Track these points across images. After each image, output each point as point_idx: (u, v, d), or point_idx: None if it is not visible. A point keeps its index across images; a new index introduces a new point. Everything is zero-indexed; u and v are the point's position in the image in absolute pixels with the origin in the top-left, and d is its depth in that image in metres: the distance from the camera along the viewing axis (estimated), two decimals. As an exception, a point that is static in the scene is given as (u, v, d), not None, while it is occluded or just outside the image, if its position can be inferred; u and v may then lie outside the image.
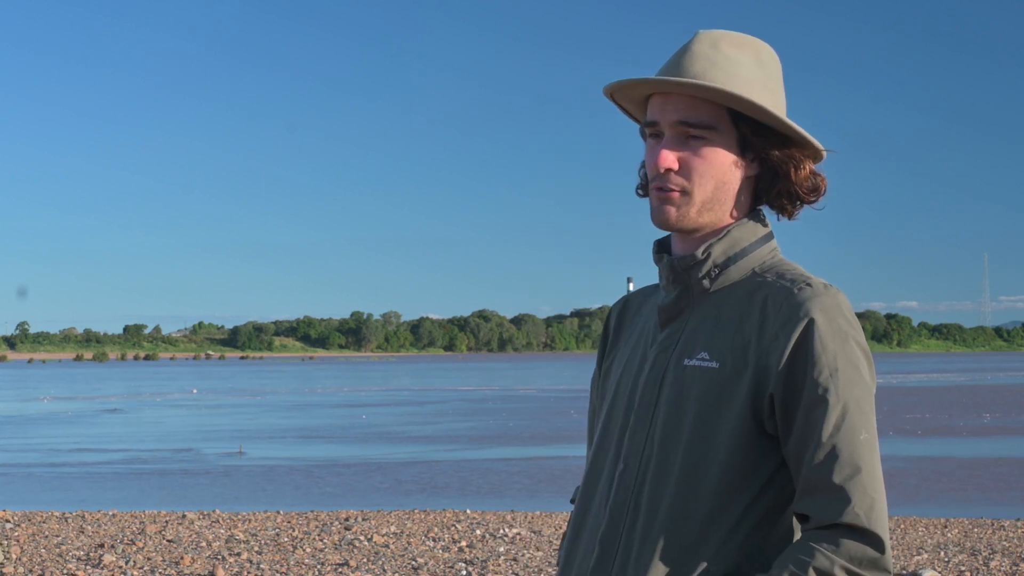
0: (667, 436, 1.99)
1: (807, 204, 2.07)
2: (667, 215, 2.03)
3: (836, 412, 1.90)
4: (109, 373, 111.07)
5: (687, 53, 2.02)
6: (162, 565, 10.32)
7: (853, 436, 1.90)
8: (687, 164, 2.01)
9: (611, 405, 2.12)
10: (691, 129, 2.00)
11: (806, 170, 2.04)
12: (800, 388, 1.92)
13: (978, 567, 10.38)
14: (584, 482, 2.13)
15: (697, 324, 2.03)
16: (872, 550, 1.86)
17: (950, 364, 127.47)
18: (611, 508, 2.03)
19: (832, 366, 1.91)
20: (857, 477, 1.88)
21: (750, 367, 1.95)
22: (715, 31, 2.05)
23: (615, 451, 2.07)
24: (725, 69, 2.00)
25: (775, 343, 1.94)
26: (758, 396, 1.94)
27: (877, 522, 1.88)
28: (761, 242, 2.06)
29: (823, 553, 1.86)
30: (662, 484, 1.98)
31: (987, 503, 16.22)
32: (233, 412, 41.77)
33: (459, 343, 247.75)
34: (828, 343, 1.92)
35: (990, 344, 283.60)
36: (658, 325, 2.09)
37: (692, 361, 2.00)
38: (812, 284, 1.97)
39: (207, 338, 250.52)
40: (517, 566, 10.40)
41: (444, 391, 58.66)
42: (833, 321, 1.94)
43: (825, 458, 1.89)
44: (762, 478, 1.95)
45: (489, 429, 31.36)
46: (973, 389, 56.39)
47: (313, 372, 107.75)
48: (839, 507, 1.87)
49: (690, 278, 2.04)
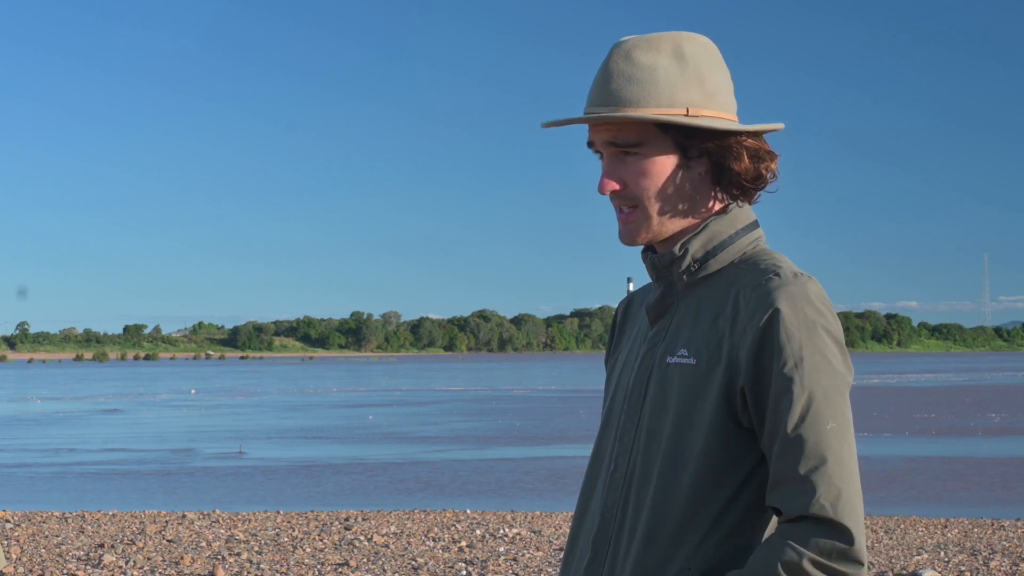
0: (650, 435, 2.00)
1: (754, 191, 2.05)
2: (630, 235, 2.05)
3: (801, 402, 1.87)
4: (109, 373, 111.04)
5: (604, 72, 2.02)
6: (162, 565, 10.32)
7: (819, 426, 1.87)
8: (629, 182, 2.02)
9: (609, 405, 2.13)
10: (622, 148, 2.02)
11: (745, 160, 2.02)
12: (767, 380, 1.90)
13: (978, 567, 10.38)
14: (584, 481, 2.14)
15: (680, 320, 2.04)
16: (840, 542, 1.83)
17: (951, 364, 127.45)
18: (602, 509, 2.04)
19: (797, 356, 1.89)
20: (823, 468, 1.85)
21: (723, 361, 1.94)
22: (629, 39, 2.04)
23: (609, 451, 2.08)
24: (641, 82, 2.00)
25: (743, 335, 1.93)
26: (731, 390, 1.93)
27: (845, 513, 1.84)
28: (742, 232, 2.04)
29: (791, 547, 1.83)
30: (645, 484, 1.98)
31: (987, 503, 16.22)
32: (233, 412, 41.78)
33: (459, 343, 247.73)
34: (794, 332, 1.90)
35: (990, 344, 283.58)
36: (648, 324, 2.10)
37: (673, 359, 2.00)
38: (780, 274, 1.95)
39: (207, 338, 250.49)
40: (517, 566, 10.40)
41: (444, 391, 58.66)
42: (799, 310, 1.91)
43: (790, 449, 1.87)
44: (742, 474, 1.94)
45: (489, 429, 31.37)
46: (975, 389, 56.38)
47: (313, 372, 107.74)
48: (805, 499, 1.84)
49: (671, 274, 2.05)
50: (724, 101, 2.04)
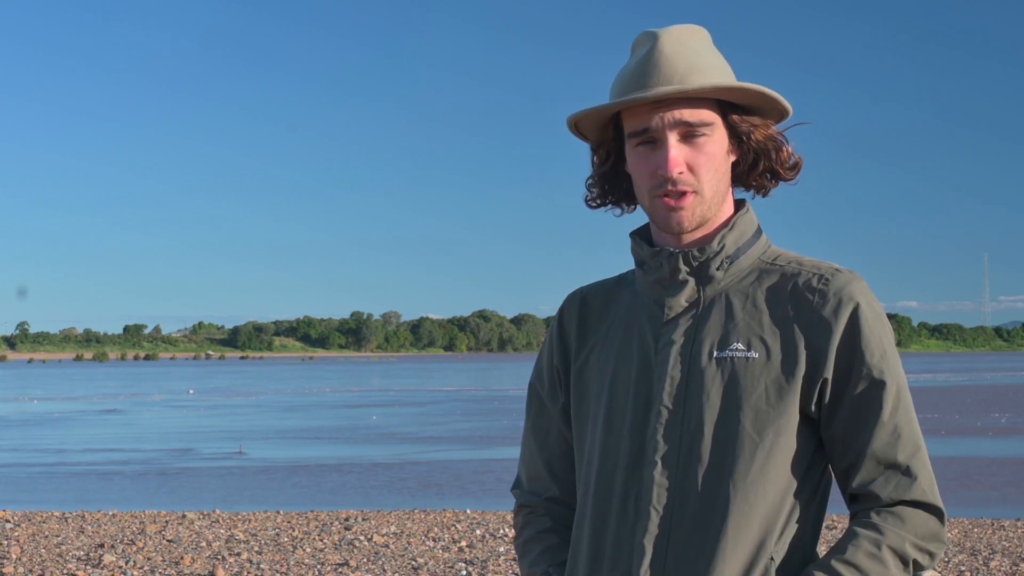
0: (717, 432, 1.96)
1: (785, 181, 2.10)
2: (682, 218, 2.01)
3: (892, 392, 1.96)
4: (109, 373, 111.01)
5: (659, 56, 1.99)
6: (162, 565, 10.32)
7: (910, 415, 1.97)
8: (694, 164, 2.00)
9: (609, 405, 2.06)
10: (695, 128, 2.00)
11: (787, 149, 2.07)
12: (856, 371, 1.95)
13: (978, 567, 10.37)
14: (595, 483, 2.06)
15: (716, 315, 2.02)
16: (937, 523, 1.96)
17: (950, 364, 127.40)
18: (649, 509, 1.97)
19: (882, 348, 1.97)
20: (919, 454, 1.96)
21: (797, 354, 1.96)
22: (668, 29, 2.03)
23: (636, 450, 2.01)
24: (708, 60, 2.01)
25: (821, 328, 1.96)
26: (809, 381, 1.96)
27: (939, 497, 1.98)
28: (759, 232, 2.08)
29: (893, 531, 1.92)
30: (717, 480, 1.95)
31: (987, 503, 16.21)
32: (233, 412, 41.76)
33: (459, 343, 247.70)
34: (875, 326, 1.98)
35: (990, 344, 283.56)
36: (653, 319, 2.05)
37: (727, 353, 1.98)
38: (841, 270, 2.01)
39: (207, 338, 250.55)
40: (517, 566, 10.40)
41: (444, 391, 58.64)
42: (872, 305, 1.99)
43: (889, 437, 1.94)
44: (805, 463, 1.98)
45: (489, 429, 31.36)
46: (975, 389, 56.37)
47: (313, 372, 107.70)
48: (907, 484, 1.94)
49: (705, 269, 2.03)
50: None
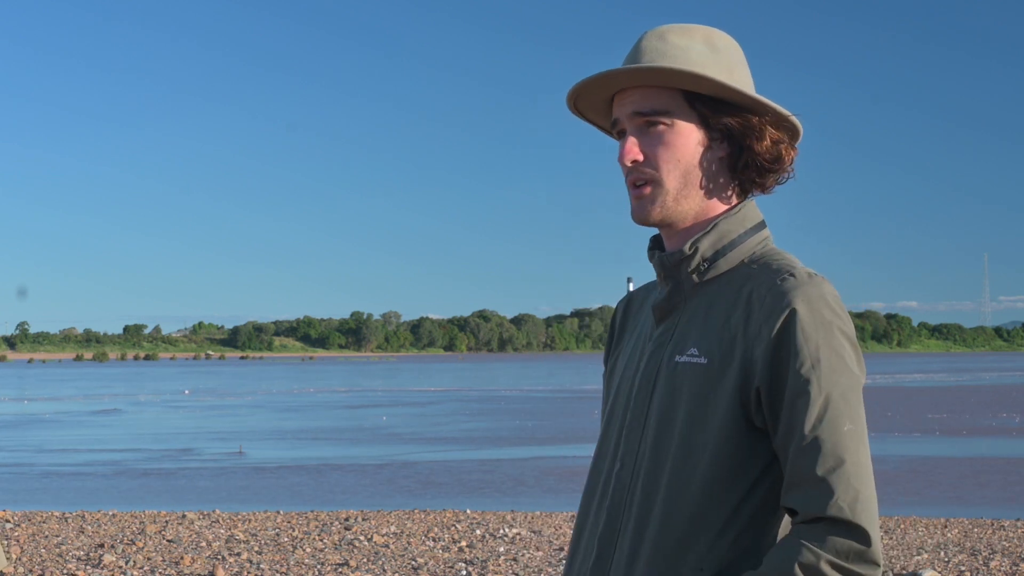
0: (659, 434, 1.97)
1: (772, 174, 2.03)
2: (644, 211, 2.01)
3: (819, 403, 1.86)
4: (109, 373, 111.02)
5: (635, 50, 2.01)
6: (162, 565, 10.32)
7: (836, 427, 1.86)
8: (651, 154, 1.99)
9: (612, 404, 2.11)
10: (648, 118, 1.99)
11: (767, 139, 2.00)
12: (784, 380, 1.88)
13: (978, 567, 10.37)
14: (587, 481, 2.12)
15: (688, 320, 2.01)
16: (858, 543, 1.82)
17: (950, 364, 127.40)
18: (608, 508, 2.02)
19: (815, 357, 1.87)
20: (840, 469, 1.84)
21: (736, 361, 1.92)
22: (662, 26, 2.04)
23: (613, 450, 2.05)
24: (673, 55, 1.99)
25: (759, 335, 1.91)
26: (745, 390, 1.91)
27: (862, 514, 1.83)
28: (751, 232, 2.03)
29: (809, 548, 1.82)
30: (655, 483, 1.95)
31: (987, 503, 16.21)
32: (232, 412, 41.77)
33: (459, 343, 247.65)
34: (811, 333, 1.88)
35: (990, 344, 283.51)
36: (654, 322, 2.08)
37: (683, 357, 1.98)
38: (796, 274, 1.93)
39: (207, 338, 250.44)
40: (517, 566, 10.40)
41: (444, 391, 58.64)
42: (816, 311, 1.90)
43: (808, 450, 1.85)
44: (753, 474, 1.92)
45: (489, 429, 31.36)
46: (975, 389, 56.36)
47: (313, 372, 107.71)
48: (823, 500, 1.83)
49: (680, 273, 2.02)
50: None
